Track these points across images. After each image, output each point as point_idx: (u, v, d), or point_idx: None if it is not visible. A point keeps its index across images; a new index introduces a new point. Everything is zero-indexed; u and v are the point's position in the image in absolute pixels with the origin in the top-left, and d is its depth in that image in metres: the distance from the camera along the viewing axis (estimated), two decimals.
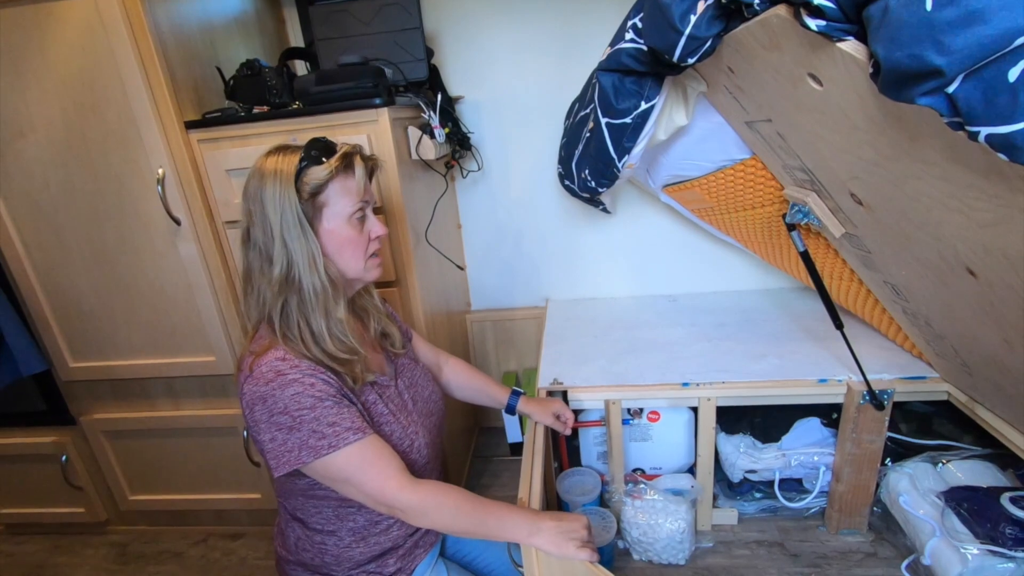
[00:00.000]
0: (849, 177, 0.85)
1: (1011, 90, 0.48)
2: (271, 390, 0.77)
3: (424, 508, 0.81)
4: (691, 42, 0.81)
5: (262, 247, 0.82)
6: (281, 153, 0.83)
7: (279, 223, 0.79)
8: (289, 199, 0.79)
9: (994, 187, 0.60)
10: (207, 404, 1.55)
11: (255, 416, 0.78)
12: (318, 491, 0.86)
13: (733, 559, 1.43)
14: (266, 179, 0.80)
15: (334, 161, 0.82)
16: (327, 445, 0.77)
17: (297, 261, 0.81)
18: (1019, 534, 1.10)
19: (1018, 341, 0.80)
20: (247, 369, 0.80)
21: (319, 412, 0.78)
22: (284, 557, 0.96)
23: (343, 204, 0.84)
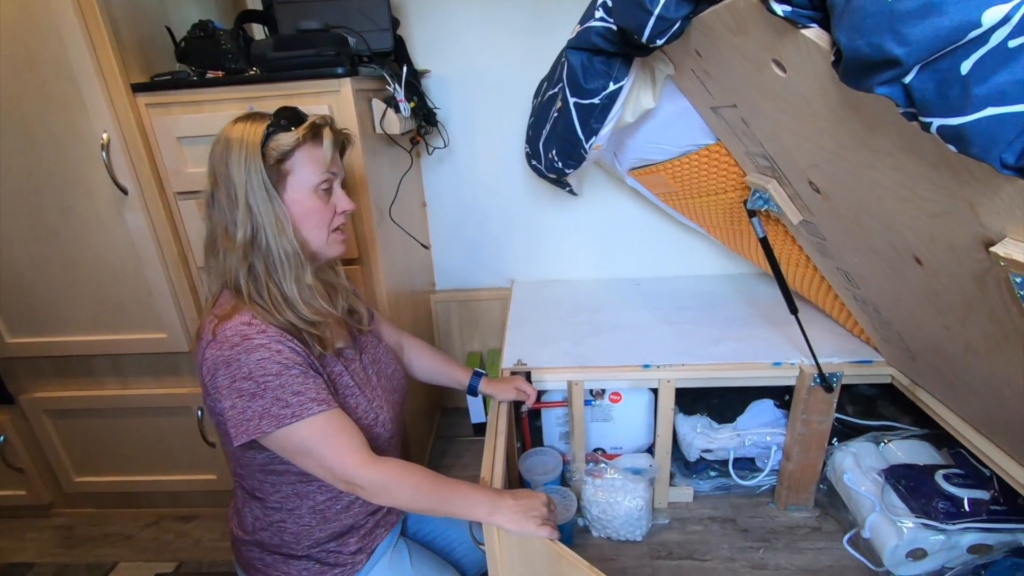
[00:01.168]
0: (808, 165, 0.87)
1: (963, 82, 0.49)
2: (236, 354, 0.75)
3: (385, 485, 0.80)
4: (660, 23, 0.81)
5: (227, 211, 0.80)
6: (249, 120, 0.81)
7: (244, 186, 0.78)
8: (255, 163, 0.78)
9: (943, 178, 0.62)
10: (158, 383, 1.49)
11: (216, 382, 0.75)
12: (277, 466, 0.84)
13: (687, 535, 1.48)
14: (232, 144, 0.79)
15: (302, 130, 0.81)
16: (290, 414, 0.75)
17: (263, 224, 0.79)
18: (950, 508, 1.18)
19: (957, 328, 0.84)
20: (209, 333, 0.78)
21: (284, 380, 0.75)
22: (240, 537, 0.94)
23: (308, 173, 0.83)
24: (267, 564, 0.92)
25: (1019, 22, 0.45)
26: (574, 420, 1.42)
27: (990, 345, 0.79)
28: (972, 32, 0.46)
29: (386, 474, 0.80)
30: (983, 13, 0.45)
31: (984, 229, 0.63)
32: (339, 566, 0.92)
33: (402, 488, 0.81)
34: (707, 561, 1.40)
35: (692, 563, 1.40)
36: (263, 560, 0.92)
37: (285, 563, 0.91)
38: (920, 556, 1.22)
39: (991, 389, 0.89)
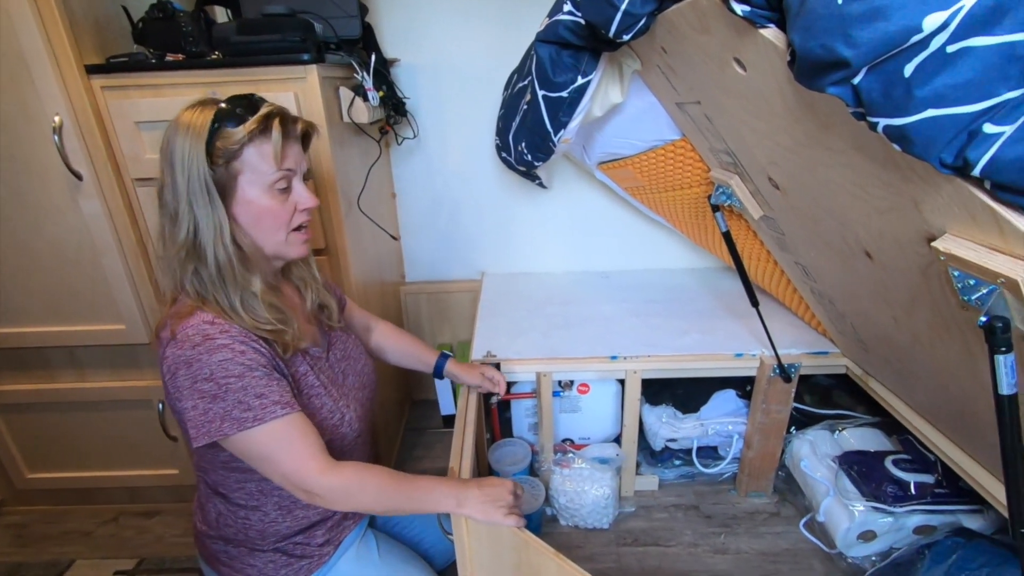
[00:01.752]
0: (768, 162, 0.90)
1: (906, 85, 0.51)
2: (197, 354, 0.72)
3: (345, 491, 0.78)
4: (626, 18, 0.82)
5: (171, 210, 0.76)
6: (200, 108, 0.76)
7: (185, 186, 0.74)
8: (197, 161, 0.73)
9: (890, 176, 0.65)
10: (117, 375, 1.45)
11: (177, 382, 0.73)
12: (240, 463, 0.83)
13: (652, 522, 1.52)
14: (178, 134, 0.74)
15: (251, 123, 0.75)
16: (252, 418, 0.73)
17: (202, 229, 0.75)
18: (898, 492, 1.23)
19: (904, 319, 0.88)
20: (169, 333, 0.75)
21: (247, 382, 0.73)
22: (204, 532, 0.93)
23: (261, 172, 0.77)
24: (232, 557, 0.91)
25: (956, 28, 0.47)
26: (543, 411, 1.44)
27: (933, 336, 0.83)
28: (914, 37, 0.49)
29: (346, 479, 0.78)
30: (924, 19, 0.47)
31: (927, 225, 0.66)
32: (306, 558, 0.92)
33: (363, 492, 0.79)
34: (671, 547, 1.44)
35: (657, 549, 1.43)
36: (228, 553, 0.91)
37: (251, 555, 0.90)
38: (870, 538, 1.28)
39: (935, 378, 0.94)
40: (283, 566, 0.91)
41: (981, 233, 0.59)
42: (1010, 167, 0.50)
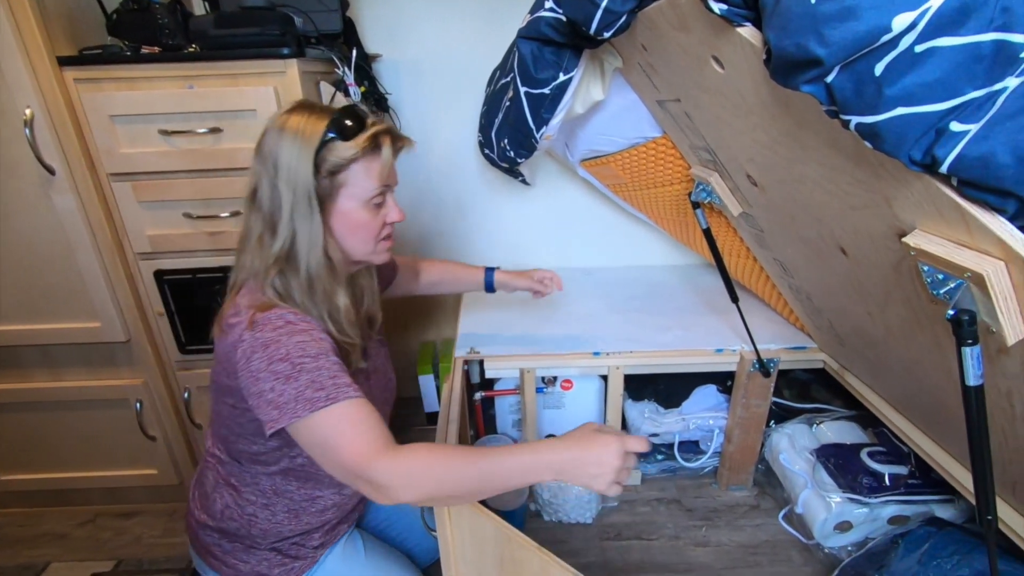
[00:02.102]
0: (746, 159, 0.91)
1: (877, 83, 0.53)
2: (277, 336, 0.71)
3: (408, 477, 0.67)
4: (607, 15, 0.82)
5: (267, 215, 0.75)
6: (308, 113, 0.75)
7: (290, 197, 0.73)
8: (304, 172, 0.73)
9: (863, 173, 0.67)
10: (93, 374, 1.42)
11: (252, 366, 0.71)
12: (267, 458, 0.82)
13: (635, 516, 1.53)
14: (284, 140, 0.73)
15: (362, 140, 0.75)
16: (324, 397, 0.69)
17: (300, 240, 0.75)
18: (873, 483, 1.26)
19: (878, 314, 0.90)
20: (247, 321, 0.73)
21: (321, 363, 0.71)
22: (203, 522, 0.91)
23: (363, 187, 0.78)
24: (226, 552, 0.90)
25: (924, 29, 0.48)
26: (526, 407, 1.44)
27: (905, 329, 0.85)
28: (884, 36, 0.50)
29: (408, 464, 0.68)
30: (893, 19, 0.48)
31: (898, 221, 0.67)
32: (300, 559, 0.92)
33: (429, 476, 0.68)
34: (653, 540, 1.46)
35: (639, 543, 1.45)
36: (222, 547, 0.90)
37: (246, 552, 0.89)
38: (846, 528, 1.31)
39: (907, 371, 0.96)
40: (277, 565, 0.90)
41: (949, 229, 0.60)
42: (975, 164, 0.51)
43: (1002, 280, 0.57)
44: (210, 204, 1.24)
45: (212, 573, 0.92)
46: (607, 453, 0.68)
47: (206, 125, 1.16)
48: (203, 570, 0.94)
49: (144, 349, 1.39)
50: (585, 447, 0.69)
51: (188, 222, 1.25)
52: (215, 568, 0.91)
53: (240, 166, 1.20)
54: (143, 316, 1.36)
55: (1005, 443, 0.77)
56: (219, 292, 1.30)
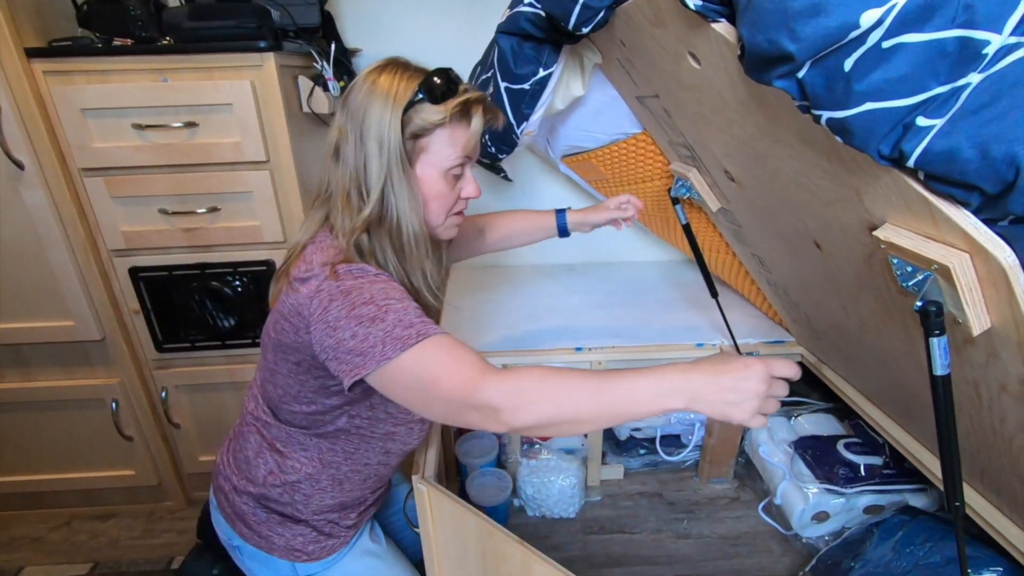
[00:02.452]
0: (723, 154, 0.92)
1: (846, 79, 0.53)
2: (358, 284, 0.68)
3: (521, 393, 0.60)
4: (585, 11, 0.83)
5: (352, 173, 0.72)
6: (399, 73, 0.72)
7: (384, 159, 0.70)
8: (394, 132, 0.70)
9: (835, 167, 0.68)
10: (67, 374, 1.39)
11: (331, 315, 0.66)
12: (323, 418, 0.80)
13: (618, 510, 1.55)
14: (375, 99, 0.70)
15: (452, 106, 0.72)
16: (415, 334, 0.64)
17: (397, 205, 0.72)
18: (849, 474, 1.29)
19: (852, 307, 0.92)
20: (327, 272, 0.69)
21: (407, 304, 0.68)
22: (241, 488, 0.87)
23: (445, 155, 0.74)
24: (261, 521, 0.87)
25: (890, 25, 0.49)
26: None
27: (878, 322, 0.86)
28: (852, 32, 0.50)
29: (519, 380, 0.61)
30: (861, 15, 0.49)
31: (869, 215, 0.68)
32: (333, 538, 0.90)
33: (545, 393, 0.61)
34: (636, 534, 1.47)
35: (622, 536, 1.46)
36: (257, 516, 0.87)
37: (281, 525, 0.87)
38: (823, 518, 1.33)
39: (880, 363, 0.98)
40: (311, 541, 0.88)
41: (917, 222, 0.61)
42: (940, 159, 0.52)
43: (967, 272, 0.58)
44: (186, 200, 1.22)
45: (239, 540, 0.88)
46: (749, 377, 0.57)
47: (181, 119, 1.14)
48: (229, 536, 0.90)
49: (120, 348, 1.36)
50: (723, 370, 0.59)
51: (164, 218, 1.23)
52: (245, 537, 0.88)
53: (217, 161, 1.18)
54: (118, 314, 1.33)
55: (973, 432, 0.79)
56: (197, 289, 1.29)
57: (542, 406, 0.60)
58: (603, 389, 0.60)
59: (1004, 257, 0.54)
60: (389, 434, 0.86)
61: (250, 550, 0.88)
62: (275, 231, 1.25)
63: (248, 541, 0.88)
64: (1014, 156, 0.48)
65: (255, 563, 0.89)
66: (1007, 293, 0.56)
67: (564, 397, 0.60)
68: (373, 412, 0.83)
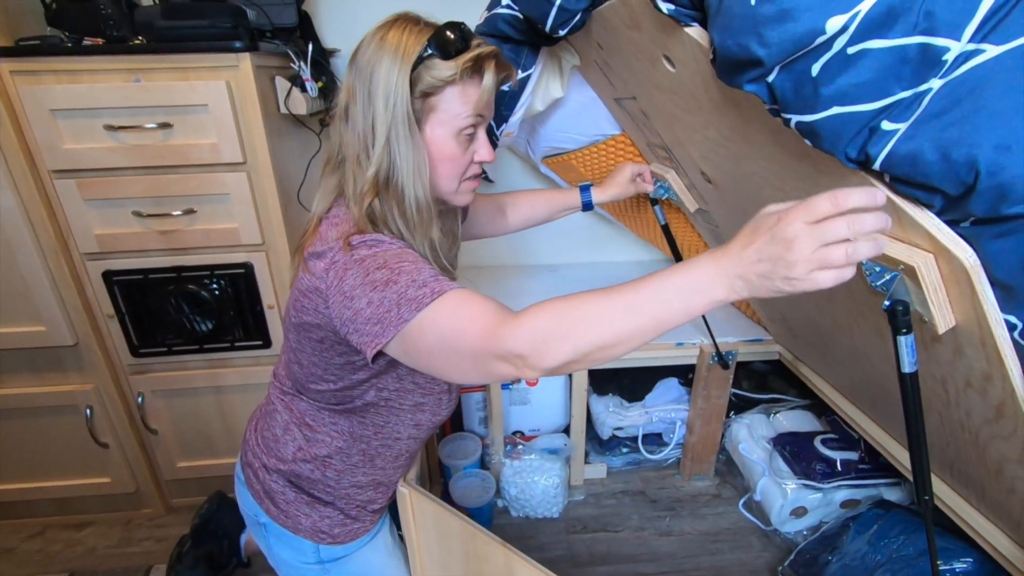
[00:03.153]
0: (699, 156, 0.93)
1: (813, 83, 0.55)
2: (372, 252, 0.66)
3: (546, 331, 0.55)
4: (562, 13, 0.83)
5: (361, 135, 0.69)
6: (409, 28, 0.68)
7: (388, 119, 0.67)
8: (403, 91, 0.66)
9: (805, 169, 0.69)
10: (39, 380, 1.36)
11: (346, 284, 0.65)
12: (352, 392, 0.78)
13: (601, 509, 1.56)
14: (384, 55, 0.66)
15: (463, 61, 0.67)
16: (430, 293, 0.61)
17: (400, 167, 0.69)
18: (826, 470, 1.31)
19: (826, 306, 0.94)
20: (342, 243, 0.67)
21: (421, 266, 0.65)
22: (271, 466, 0.85)
23: (456, 114, 0.70)
24: (289, 501, 0.86)
25: (855, 32, 0.50)
26: (492, 404, 1.45)
27: (850, 320, 0.88)
28: (819, 38, 0.51)
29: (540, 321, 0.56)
30: (826, 21, 0.50)
31: None
32: (359, 522, 0.89)
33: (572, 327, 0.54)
34: (619, 532, 1.48)
35: (606, 535, 1.47)
36: (286, 496, 0.86)
37: (309, 506, 0.86)
38: (802, 514, 1.36)
39: (854, 359, 1.00)
40: (337, 524, 0.87)
41: None
42: (904, 162, 0.54)
43: (932, 272, 0.60)
44: (161, 202, 1.20)
45: (266, 518, 0.87)
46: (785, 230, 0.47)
47: (155, 120, 1.12)
48: (255, 513, 0.89)
49: (94, 353, 1.33)
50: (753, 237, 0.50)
51: (138, 221, 1.21)
52: (273, 516, 0.86)
53: (193, 163, 1.17)
54: (92, 319, 1.30)
55: (941, 426, 0.82)
56: (173, 292, 1.27)
57: (568, 341, 0.54)
58: (631, 304, 0.53)
59: (966, 257, 0.56)
60: (418, 405, 0.85)
61: (276, 529, 0.86)
62: (253, 233, 1.23)
63: (275, 520, 0.86)
64: (974, 160, 0.50)
65: (279, 542, 0.88)
66: (970, 292, 0.58)
67: (589, 325, 0.54)
68: (401, 384, 0.81)
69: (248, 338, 1.34)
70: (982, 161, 0.49)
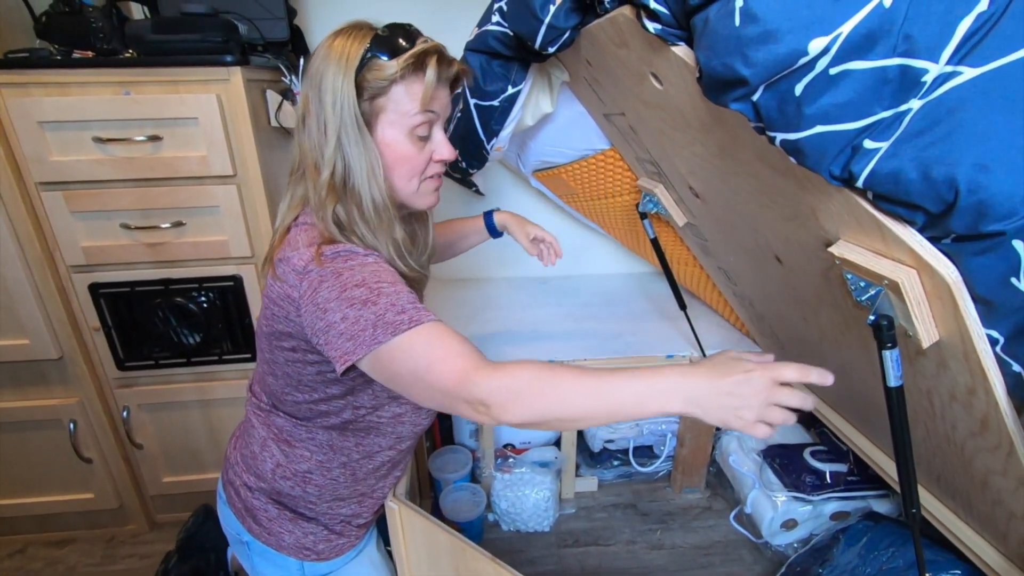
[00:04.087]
0: (687, 171, 0.94)
1: (797, 103, 0.56)
2: (349, 266, 0.66)
3: (516, 390, 0.58)
4: (551, 31, 0.84)
5: (315, 142, 0.70)
6: (354, 34, 0.69)
7: (336, 122, 0.68)
8: (348, 94, 0.67)
9: (791, 186, 0.70)
10: (21, 394, 1.34)
11: (320, 296, 0.64)
12: (327, 407, 0.77)
13: (592, 522, 1.55)
14: (329, 62, 0.68)
15: (406, 57, 0.68)
16: (408, 320, 0.62)
17: (354, 168, 0.69)
18: (815, 482, 1.32)
19: (812, 318, 0.95)
20: (312, 254, 0.67)
21: (400, 288, 0.66)
22: (251, 484, 0.84)
23: (404, 112, 0.70)
24: (271, 518, 0.84)
25: (836, 53, 0.51)
26: None
27: (836, 333, 0.89)
28: (801, 59, 0.53)
29: (513, 375, 0.59)
30: (809, 43, 0.51)
31: (824, 232, 0.71)
32: (344, 537, 0.88)
33: (539, 388, 0.58)
34: (610, 546, 1.47)
35: (597, 548, 1.47)
36: (268, 513, 0.84)
37: (292, 522, 0.84)
38: (792, 526, 1.36)
39: (841, 372, 1.01)
40: (322, 540, 0.86)
41: (868, 239, 0.64)
42: (886, 180, 0.55)
43: (915, 287, 0.60)
44: (150, 214, 1.19)
45: (248, 536, 0.86)
46: (749, 382, 0.55)
47: (145, 133, 1.11)
48: (238, 531, 0.87)
49: (79, 366, 1.31)
50: (723, 373, 0.56)
51: (126, 233, 1.20)
52: (256, 534, 0.85)
53: (183, 175, 1.16)
54: (77, 332, 1.29)
55: (927, 439, 0.82)
56: (160, 305, 1.26)
57: (534, 405, 0.58)
58: (599, 390, 0.58)
59: (948, 273, 0.57)
60: (397, 417, 0.84)
61: (259, 547, 0.85)
62: (243, 246, 1.23)
63: (257, 538, 0.85)
64: (953, 178, 0.51)
65: (263, 560, 0.86)
66: (952, 307, 0.59)
67: (558, 396, 0.58)
68: (377, 400, 0.81)
69: (236, 351, 1.33)
70: (961, 180, 0.50)
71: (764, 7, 0.52)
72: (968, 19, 0.49)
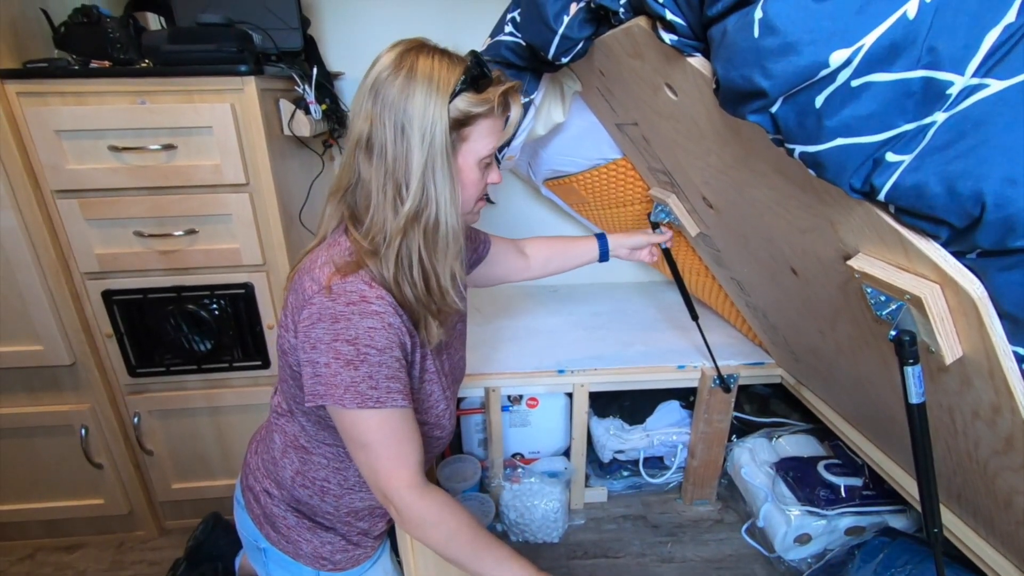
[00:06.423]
0: (701, 181, 0.93)
1: (817, 115, 0.55)
2: (349, 313, 0.66)
3: (421, 520, 0.70)
4: (564, 41, 0.84)
5: (391, 169, 0.67)
6: (436, 56, 0.67)
7: (425, 150, 0.66)
8: (441, 123, 0.65)
9: (809, 198, 0.69)
10: (33, 400, 1.34)
11: (314, 332, 0.67)
12: None
13: (602, 534, 1.53)
14: (416, 86, 0.65)
15: (496, 96, 0.69)
16: (375, 398, 0.67)
17: (437, 200, 0.68)
18: (830, 496, 1.29)
19: (828, 332, 0.93)
20: (325, 285, 0.68)
21: (385, 359, 0.68)
22: (268, 491, 0.85)
23: (483, 145, 0.72)
24: (290, 527, 0.85)
25: (859, 65, 0.50)
26: (492, 426, 1.43)
27: (854, 347, 0.87)
28: (822, 71, 0.52)
29: (429, 507, 0.71)
30: (830, 55, 0.51)
31: (843, 244, 0.70)
32: (360, 548, 0.89)
33: (438, 528, 0.71)
34: (620, 558, 1.45)
35: (606, 561, 1.45)
36: (287, 521, 0.85)
37: (311, 532, 0.85)
38: (806, 540, 1.34)
39: (857, 386, 0.99)
40: (339, 550, 0.86)
41: (889, 253, 0.63)
42: (909, 193, 0.54)
43: (938, 302, 0.59)
44: (163, 222, 1.20)
45: (266, 543, 0.86)
46: None
47: (159, 142, 1.12)
48: (255, 538, 0.88)
49: (91, 372, 1.32)
50: None
51: (140, 240, 1.21)
52: (273, 541, 0.85)
53: (196, 184, 1.17)
54: (90, 338, 1.30)
55: (949, 456, 0.80)
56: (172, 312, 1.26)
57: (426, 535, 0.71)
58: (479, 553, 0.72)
59: (973, 289, 0.55)
60: None
61: (276, 554, 0.86)
62: (254, 254, 1.23)
63: (275, 545, 0.85)
64: (979, 192, 0.50)
65: (279, 568, 0.87)
66: (977, 323, 0.57)
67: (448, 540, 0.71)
68: None
69: (247, 358, 1.33)
70: (988, 194, 0.49)
71: (784, 19, 0.51)
72: (995, 31, 0.48)
